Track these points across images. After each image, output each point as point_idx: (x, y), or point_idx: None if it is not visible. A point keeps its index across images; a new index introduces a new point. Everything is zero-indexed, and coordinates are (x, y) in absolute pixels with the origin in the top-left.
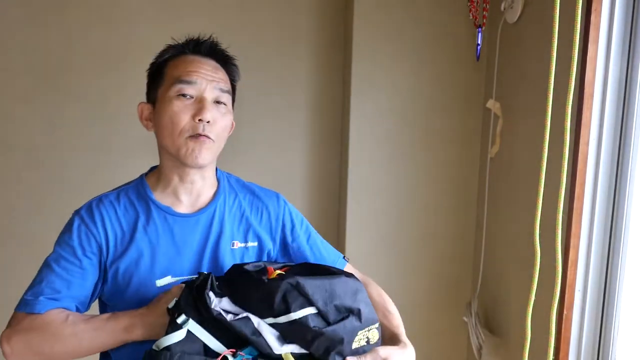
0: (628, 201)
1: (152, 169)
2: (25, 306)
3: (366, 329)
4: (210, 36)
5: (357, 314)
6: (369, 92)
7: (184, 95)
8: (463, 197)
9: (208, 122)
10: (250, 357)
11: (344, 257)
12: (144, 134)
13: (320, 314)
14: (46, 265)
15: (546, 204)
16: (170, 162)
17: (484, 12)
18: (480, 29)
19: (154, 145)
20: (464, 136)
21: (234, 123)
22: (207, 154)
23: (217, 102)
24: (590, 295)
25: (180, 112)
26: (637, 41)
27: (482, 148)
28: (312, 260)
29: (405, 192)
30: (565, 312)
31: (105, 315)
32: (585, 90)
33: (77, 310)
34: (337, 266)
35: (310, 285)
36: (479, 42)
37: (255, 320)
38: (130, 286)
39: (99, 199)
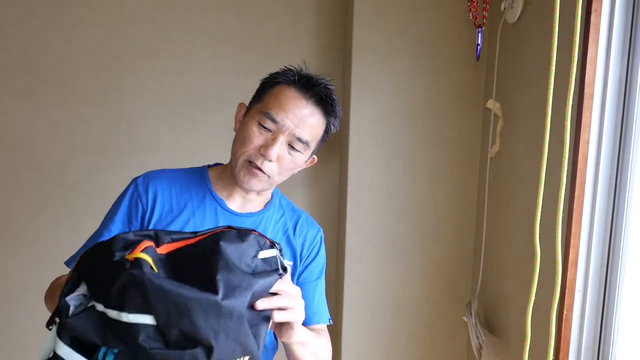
0: (628, 201)
1: (216, 164)
2: (68, 261)
3: None
4: (325, 82)
5: (207, 350)
6: (368, 92)
7: (264, 126)
8: (463, 197)
9: (270, 160)
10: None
11: (329, 319)
12: (144, 134)
13: (158, 329)
14: (98, 229)
15: (546, 204)
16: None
17: (484, 12)
18: (480, 29)
19: (154, 145)
20: (464, 136)
21: (316, 158)
22: (257, 185)
23: (291, 145)
24: (590, 295)
25: (253, 137)
26: (637, 41)
27: (482, 148)
28: (305, 299)
29: (405, 192)
30: (565, 312)
31: None
32: (585, 90)
33: None
34: (318, 317)
35: (158, 290)
36: (479, 42)
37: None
38: None
39: (158, 172)
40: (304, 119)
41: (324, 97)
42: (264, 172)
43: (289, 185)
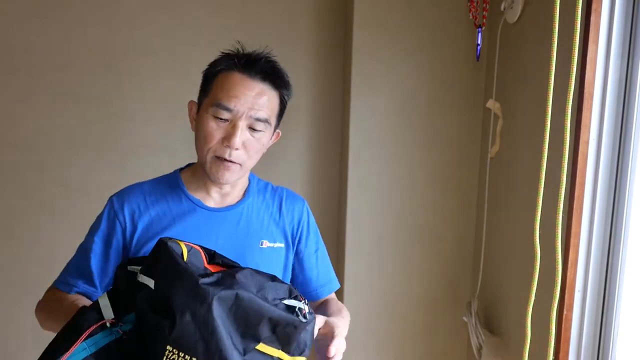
0: (628, 201)
1: (188, 165)
2: (55, 281)
3: None
4: (264, 56)
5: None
6: (369, 92)
7: (219, 118)
8: (463, 197)
9: (237, 148)
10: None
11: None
12: (144, 134)
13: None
14: (80, 248)
15: (546, 204)
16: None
17: (484, 12)
18: (480, 29)
19: (153, 145)
20: (464, 136)
21: (280, 132)
22: (231, 177)
23: (252, 128)
24: (590, 295)
25: (213, 132)
26: (637, 41)
27: (482, 148)
28: (308, 273)
29: (405, 192)
30: (565, 312)
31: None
32: (585, 90)
33: (97, 291)
34: (327, 289)
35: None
36: (479, 42)
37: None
38: None
39: (131, 188)
40: (256, 99)
41: (269, 71)
42: (234, 162)
43: (289, 185)
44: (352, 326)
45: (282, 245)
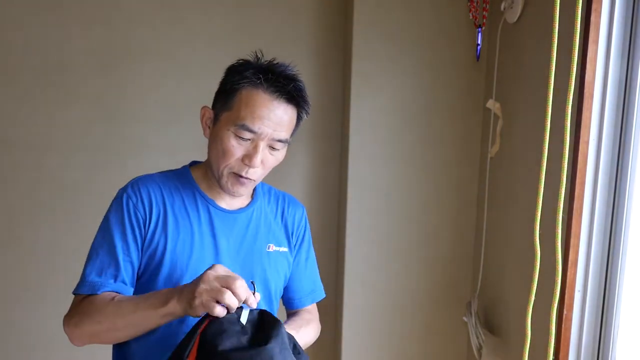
0: (628, 201)
1: (193, 163)
2: (80, 288)
3: None
4: (292, 76)
5: None
6: (369, 92)
7: (241, 137)
8: (463, 197)
9: (255, 167)
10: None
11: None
12: (144, 134)
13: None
14: (99, 245)
15: (546, 204)
16: None
17: (484, 12)
18: (480, 29)
19: (154, 145)
20: (464, 136)
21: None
22: (244, 191)
23: (271, 147)
24: (590, 295)
25: (233, 150)
26: (637, 41)
27: (482, 148)
28: (297, 281)
29: (405, 192)
30: (565, 312)
31: (147, 293)
32: (585, 90)
33: (127, 287)
34: (311, 298)
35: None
36: (479, 42)
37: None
38: (163, 267)
39: (144, 177)
40: (279, 121)
41: (295, 94)
42: (250, 179)
43: (289, 185)
44: (352, 326)
45: (287, 249)
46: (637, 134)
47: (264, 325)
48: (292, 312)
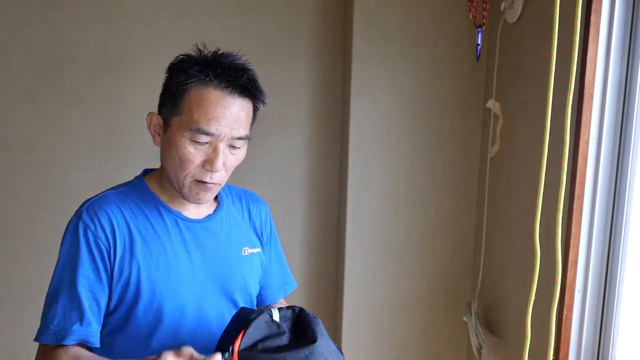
0: (628, 201)
1: (146, 171)
2: (43, 336)
3: None
4: (242, 67)
5: None
6: (369, 92)
7: (198, 142)
8: (463, 197)
9: (218, 171)
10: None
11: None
12: (144, 135)
13: None
14: (58, 286)
15: (546, 204)
16: None
17: (484, 12)
18: (480, 29)
19: (153, 145)
20: (464, 136)
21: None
22: (210, 196)
23: (231, 146)
24: (590, 295)
25: (191, 157)
26: (637, 41)
27: (482, 148)
28: (269, 276)
29: (405, 192)
30: (565, 312)
31: None
32: (585, 91)
33: (94, 328)
34: (283, 291)
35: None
36: (479, 42)
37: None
38: (141, 297)
39: (99, 199)
40: (236, 118)
41: (249, 86)
42: (215, 184)
43: (289, 185)
44: (352, 326)
45: (260, 249)
46: (637, 134)
47: (302, 324)
48: (264, 308)
